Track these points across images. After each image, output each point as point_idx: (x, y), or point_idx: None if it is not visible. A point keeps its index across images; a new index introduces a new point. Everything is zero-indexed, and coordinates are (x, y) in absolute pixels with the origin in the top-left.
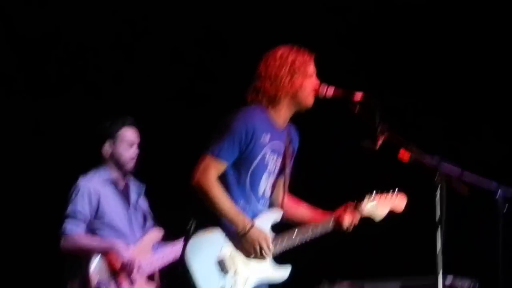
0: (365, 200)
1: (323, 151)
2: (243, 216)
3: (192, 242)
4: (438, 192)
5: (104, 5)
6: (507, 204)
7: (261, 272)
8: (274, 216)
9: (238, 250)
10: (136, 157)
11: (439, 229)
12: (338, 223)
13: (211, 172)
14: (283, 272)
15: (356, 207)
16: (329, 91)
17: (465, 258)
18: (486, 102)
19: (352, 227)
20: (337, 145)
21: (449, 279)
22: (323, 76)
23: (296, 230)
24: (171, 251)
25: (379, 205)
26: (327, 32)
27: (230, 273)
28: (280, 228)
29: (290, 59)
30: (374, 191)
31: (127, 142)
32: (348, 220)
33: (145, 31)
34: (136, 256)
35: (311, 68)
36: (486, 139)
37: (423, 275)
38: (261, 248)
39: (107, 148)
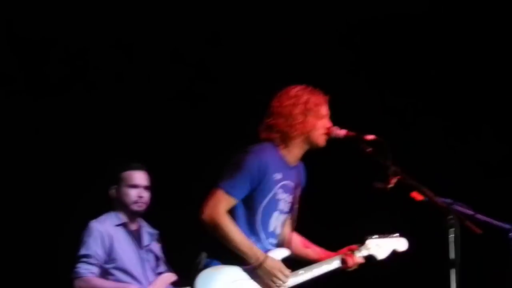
0: (367, 241)
1: (336, 190)
2: (256, 248)
3: (202, 276)
4: (452, 232)
5: (103, 5)
6: None
7: None
8: (283, 253)
9: (255, 284)
10: (143, 200)
11: (454, 270)
12: (344, 261)
13: (222, 206)
14: None
15: (359, 247)
16: (341, 132)
17: None
18: (485, 102)
19: (355, 267)
20: (350, 185)
21: None
22: (324, 77)
23: (305, 267)
24: None
25: (380, 246)
26: (327, 32)
27: None
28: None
29: (304, 98)
30: (376, 235)
31: (132, 184)
32: (352, 260)
33: (145, 30)
34: None
35: (325, 109)
36: (486, 139)
37: None
38: (277, 278)
39: (113, 192)
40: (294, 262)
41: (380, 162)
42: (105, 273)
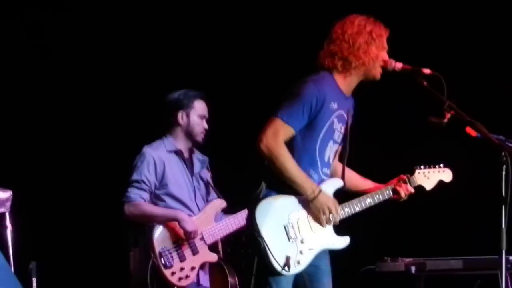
0: (416, 172)
1: (390, 124)
2: (311, 181)
3: (261, 206)
4: (504, 169)
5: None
6: None
7: (324, 240)
8: (337, 184)
9: (307, 215)
10: (206, 132)
11: (504, 207)
12: (395, 191)
13: (280, 136)
14: (343, 241)
15: (409, 178)
16: (398, 65)
17: None
18: None
19: (407, 197)
20: (404, 119)
21: None
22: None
23: (357, 198)
24: (234, 222)
25: (428, 177)
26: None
27: (298, 240)
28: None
29: (368, 28)
30: (423, 165)
31: (201, 114)
32: (404, 189)
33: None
34: (198, 226)
35: (385, 42)
36: None
37: (486, 254)
38: (330, 212)
39: (180, 117)
40: (345, 194)
41: (436, 96)
42: (156, 199)
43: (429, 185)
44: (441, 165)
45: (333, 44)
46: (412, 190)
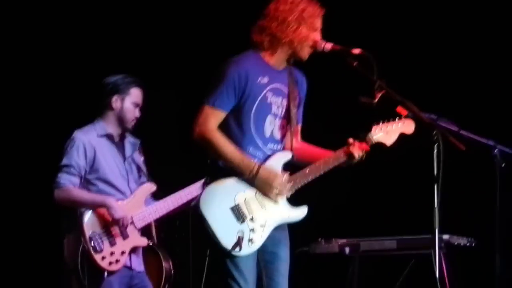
0: (373, 129)
1: (321, 105)
2: (247, 159)
3: (206, 192)
4: (436, 148)
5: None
6: (504, 161)
7: (278, 214)
8: (284, 156)
9: (255, 193)
10: (137, 120)
11: (436, 185)
12: (349, 153)
13: (211, 122)
14: (299, 212)
15: (365, 136)
16: (328, 45)
17: (462, 216)
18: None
19: (364, 155)
20: (335, 99)
21: (446, 237)
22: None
23: (309, 166)
24: (164, 206)
25: (387, 131)
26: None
27: (247, 219)
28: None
29: (301, 6)
30: (381, 121)
31: (135, 102)
32: (359, 149)
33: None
34: (128, 210)
35: (318, 22)
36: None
37: (420, 233)
38: (273, 186)
39: (114, 101)
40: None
41: (366, 76)
42: (87, 183)
43: (388, 140)
44: (402, 117)
45: (264, 20)
46: (366, 147)
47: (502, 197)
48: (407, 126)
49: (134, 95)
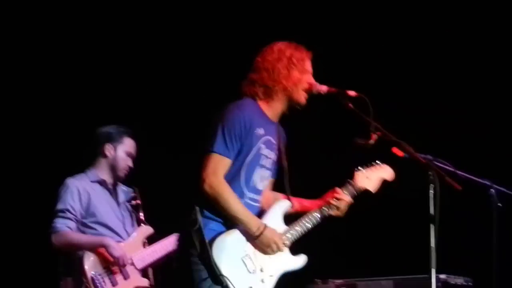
0: (355, 174)
1: (316, 148)
2: (255, 218)
3: (216, 244)
4: (432, 189)
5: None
6: (500, 201)
7: (282, 265)
8: (284, 207)
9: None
10: (129, 170)
11: (433, 226)
12: (330, 207)
13: (220, 172)
14: (301, 260)
15: (350, 183)
16: (323, 88)
17: (459, 255)
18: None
19: (345, 208)
20: (330, 142)
21: (443, 276)
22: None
23: (300, 220)
24: (161, 247)
25: (370, 177)
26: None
27: (257, 270)
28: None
29: (288, 53)
30: (360, 167)
31: (128, 151)
32: (340, 203)
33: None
34: (127, 251)
35: (308, 65)
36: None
37: (417, 273)
38: (276, 246)
39: (107, 149)
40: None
41: (362, 118)
42: (84, 227)
43: (372, 186)
44: (377, 162)
45: (253, 73)
46: (349, 200)
47: (499, 236)
48: (386, 172)
49: (127, 144)
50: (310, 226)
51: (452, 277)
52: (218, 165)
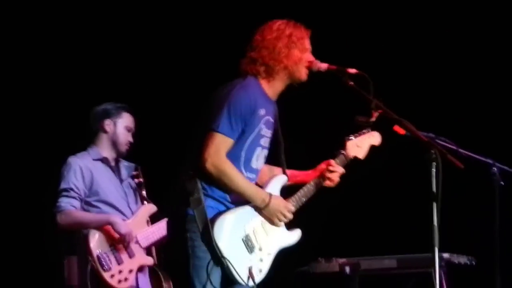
0: (347, 144)
1: (318, 125)
2: (260, 190)
3: (216, 225)
4: (434, 167)
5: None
6: (503, 179)
7: (279, 241)
8: (281, 181)
9: (260, 222)
10: (130, 145)
11: (435, 204)
12: (325, 179)
13: (223, 151)
14: (295, 235)
15: (343, 154)
16: (323, 65)
17: (461, 234)
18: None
19: (338, 178)
20: (331, 119)
21: (446, 255)
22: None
23: (300, 191)
24: (166, 225)
25: (359, 145)
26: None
27: (256, 250)
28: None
29: (287, 32)
30: (351, 136)
31: (128, 126)
32: (333, 176)
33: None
34: (132, 229)
35: (307, 43)
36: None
37: (420, 252)
38: (283, 215)
39: (107, 125)
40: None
41: (362, 95)
42: (88, 206)
43: (361, 153)
44: (369, 130)
45: (253, 51)
46: (342, 171)
47: (501, 215)
48: (375, 138)
49: (126, 119)
50: (305, 200)
51: (455, 256)
52: (221, 145)
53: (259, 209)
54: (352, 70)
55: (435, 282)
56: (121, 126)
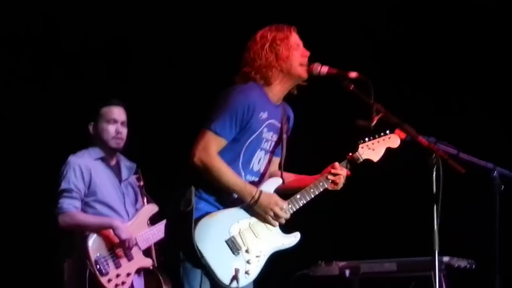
0: (359, 147)
1: (319, 130)
2: (249, 186)
3: (199, 227)
4: (435, 171)
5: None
6: (503, 183)
7: (271, 244)
8: (275, 183)
9: (248, 224)
10: (121, 136)
11: (436, 207)
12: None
13: (212, 148)
14: (293, 239)
15: (353, 156)
16: (323, 69)
17: (462, 238)
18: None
19: (343, 180)
20: (332, 123)
21: (447, 258)
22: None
23: (299, 192)
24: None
25: (373, 148)
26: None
27: (242, 251)
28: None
29: (269, 37)
30: (366, 138)
31: (109, 118)
32: (337, 178)
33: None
34: (132, 232)
35: (294, 39)
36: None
37: (420, 255)
38: (274, 211)
39: (91, 128)
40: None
41: (363, 100)
42: (85, 206)
43: (376, 156)
44: (387, 132)
45: (246, 66)
46: (346, 173)
47: (501, 219)
48: (393, 141)
49: (106, 113)
50: (303, 202)
51: (455, 259)
52: (211, 142)
53: (250, 210)
54: (353, 74)
55: (435, 286)
56: (102, 123)
